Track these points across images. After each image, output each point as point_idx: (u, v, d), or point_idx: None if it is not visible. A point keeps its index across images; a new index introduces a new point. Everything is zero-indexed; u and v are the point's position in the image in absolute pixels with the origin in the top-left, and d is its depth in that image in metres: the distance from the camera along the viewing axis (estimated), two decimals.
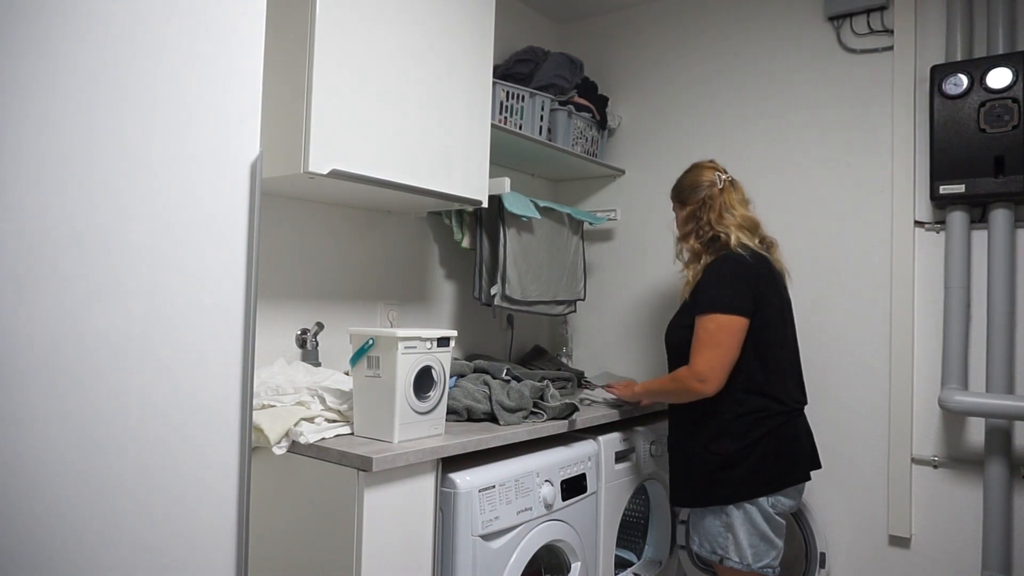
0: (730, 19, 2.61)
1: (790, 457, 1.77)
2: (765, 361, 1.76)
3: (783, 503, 1.75)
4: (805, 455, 1.81)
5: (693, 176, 1.91)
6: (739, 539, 1.72)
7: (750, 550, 1.72)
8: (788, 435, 1.77)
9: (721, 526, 1.75)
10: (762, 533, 1.73)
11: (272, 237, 1.93)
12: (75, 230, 0.95)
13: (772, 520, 1.73)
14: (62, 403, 0.94)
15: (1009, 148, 1.98)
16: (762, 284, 1.76)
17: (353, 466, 1.39)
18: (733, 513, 1.73)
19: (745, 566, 1.71)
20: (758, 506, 1.72)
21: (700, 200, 1.85)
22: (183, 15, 1.06)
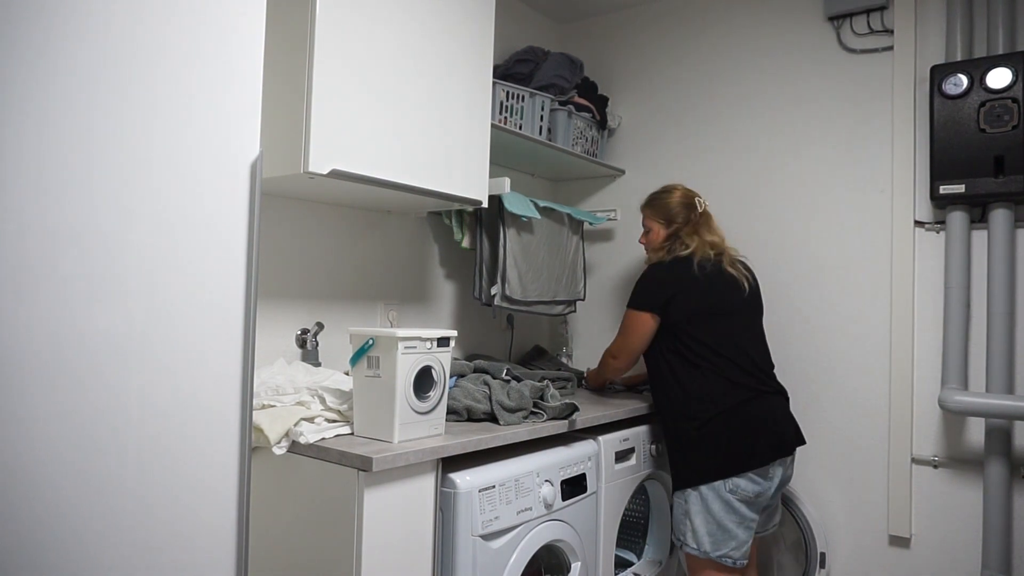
0: (730, 19, 2.61)
1: (747, 441, 1.84)
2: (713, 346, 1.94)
3: (743, 489, 1.81)
4: (768, 439, 1.87)
5: (679, 197, 2.14)
6: (695, 525, 1.82)
7: (707, 538, 1.79)
8: (745, 416, 1.87)
9: (681, 512, 1.88)
10: (718, 521, 1.80)
11: (272, 237, 1.93)
12: (75, 230, 0.95)
13: (732, 507, 1.80)
14: (62, 403, 0.94)
15: (1009, 148, 1.98)
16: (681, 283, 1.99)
17: (353, 466, 1.39)
18: (691, 499, 1.85)
19: (702, 553, 1.78)
20: (715, 491, 1.81)
21: (683, 221, 2.11)
22: (183, 15, 1.06)
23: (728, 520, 1.80)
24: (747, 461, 1.83)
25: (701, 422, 1.88)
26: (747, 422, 1.88)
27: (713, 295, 2.00)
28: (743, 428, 1.87)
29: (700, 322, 1.97)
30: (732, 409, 1.88)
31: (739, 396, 1.90)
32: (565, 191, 2.99)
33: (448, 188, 1.92)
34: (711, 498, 1.82)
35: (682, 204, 2.13)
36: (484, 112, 2.05)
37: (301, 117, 1.56)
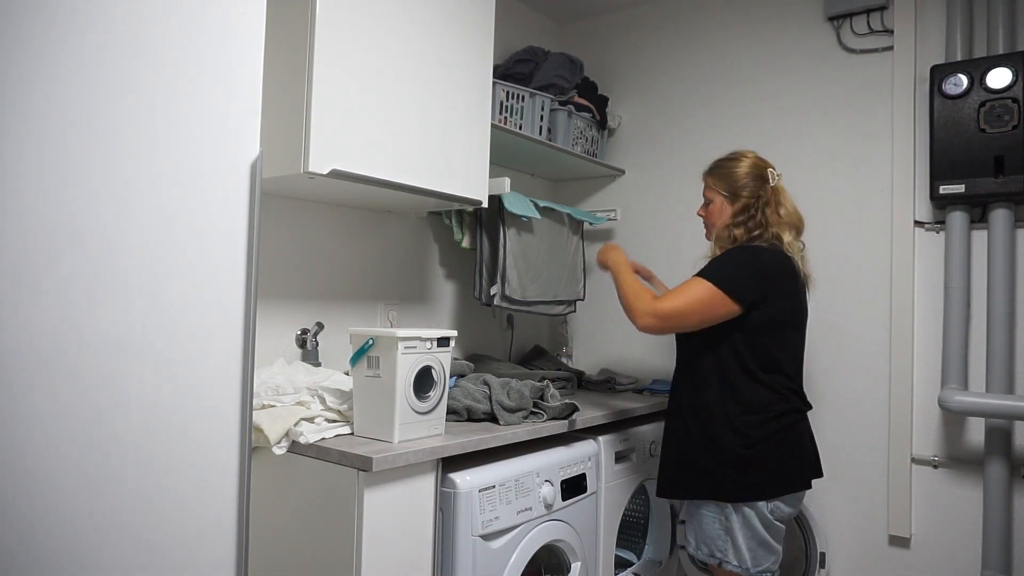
0: (730, 19, 2.61)
1: (795, 462, 1.72)
2: (777, 360, 1.72)
3: (783, 509, 1.71)
4: (809, 461, 1.77)
5: (748, 167, 1.82)
6: (738, 543, 1.68)
7: (749, 555, 1.68)
8: (795, 438, 1.73)
9: (720, 529, 1.70)
10: (761, 539, 1.68)
11: (272, 237, 1.93)
12: (75, 230, 0.95)
13: (772, 526, 1.69)
14: (62, 403, 0.94)
15: (1009, 148, 1.98)
16: (778, 283, 1.72)
17: (353, 466, 1.39)
18: (732, 517, 1.69)
19: (744, 570, 1.68)
20: (757, 511, 1.67)
21: (756, 195, 1.79)
22: (183, 15, 1.06)
23: (770, 537, 1.69)
24: (792, 483, 1.71)
25: (754, 440, 1.67)
26: (796, 443, 1.73)
27: (797, 303, 1.78)
28: (793, 449, 1.72)
29: (778, 332, 1.73)
30: (785, 429, 1.70)
31: (791, 415, 1.72)
32: (565, 191, 2.99)
33: (448, 188, 1.92)
34: (753, 516, 1.68)
35: (751, 175, 1.80)
36: (484, 112, 2.05)
37: (301, 117, 1.56)
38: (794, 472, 1.72)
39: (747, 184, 1.80)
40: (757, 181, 1.80)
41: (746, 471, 1.67)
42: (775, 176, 1.82)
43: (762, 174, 1.81)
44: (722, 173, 1.85)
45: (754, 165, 1.82)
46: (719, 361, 1.72)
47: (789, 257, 1.75)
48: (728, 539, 1.70)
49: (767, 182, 1.80)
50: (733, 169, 1.83)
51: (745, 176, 1.81)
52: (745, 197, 1.79)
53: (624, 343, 2.79)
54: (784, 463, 1.69)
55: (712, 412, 1.72)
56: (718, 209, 1.85)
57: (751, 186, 1.80)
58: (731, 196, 1.82)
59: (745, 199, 1.79)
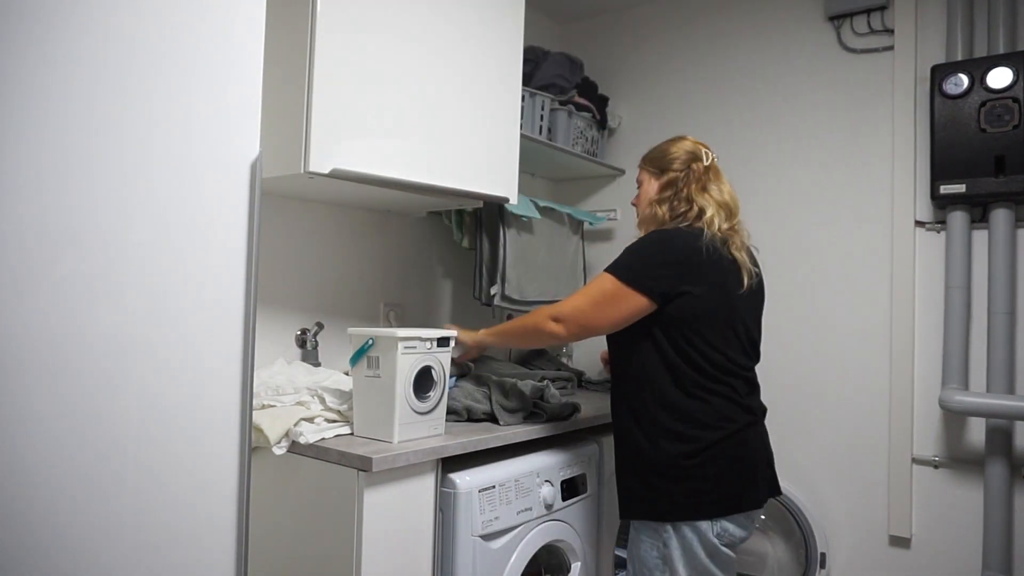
0: (730, 19, 2.61)
1: (746, 475, 1.52)
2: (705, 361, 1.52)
3: (731, 533, 1.49)
4: (762, 476, 1.56)
5: (678, 145, 1.70)
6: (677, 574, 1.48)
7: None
8: (744, 447, 1.53)
9: (658, 557, 1.50)
10: (703, 569, 1.47)
11: (272, 237, 1.93)
12: (75, 230, 0.95)
13: (717, 554, 1.48)
14: (62, 403, 0.94)
15: (1009, 148, 1.98)
16: (696, 270, 1.52)
17: (353, 466, 1.39)
18: (671, 541, 1.48)
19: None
20: (699, 533, 1.47)
21: (683, 170, 1.64)
22: (183, 15, 1.06)
23: (714, 568, 1.48)
24: (741, 501, 1.50)
25: (696, 449, 1.49)
26: (745, 454, 1.53)
27: (725, 293, 1.56)
28: (741, 461, 1.52)
29: (703, 328, 1.52)
30: (732, 436, 1.51)
31: (740, 422, 1.53)
32: (565, 191, 2.99)
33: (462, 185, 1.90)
34: (695, 541, 1.47)
35: (682, 151, 1.68)
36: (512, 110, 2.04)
37: (301, 117, 1.56)
38: (743, 488, 1.51)
39: (676, 158, 1.67)
40: (688, 156, 1.66)
41: (684, 483, 1.48)
42: (709, 155, 1.67)
43: (694, 152, 1.67)
44: (653, 153, 1.74)
45: (688, 143, 1.70)
46: (643, 363, 1.56)
47: (713, 242, 1.54)
48: (666, 569, 1.49)
49: (699, 160, 1.65)
50: (664, 147, 1.72)
51: (676, 151, 1.68)
52: (673, 171, 1.66)
53: None
54: (729, 476, 1.49)
55: (654, 421, 1.54)
56: (645, 191, 1.72)
57: (681, 159, 1.66)
58: (659, 172, 1.69)
59: (673, 173, 1.65)
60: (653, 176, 1.70)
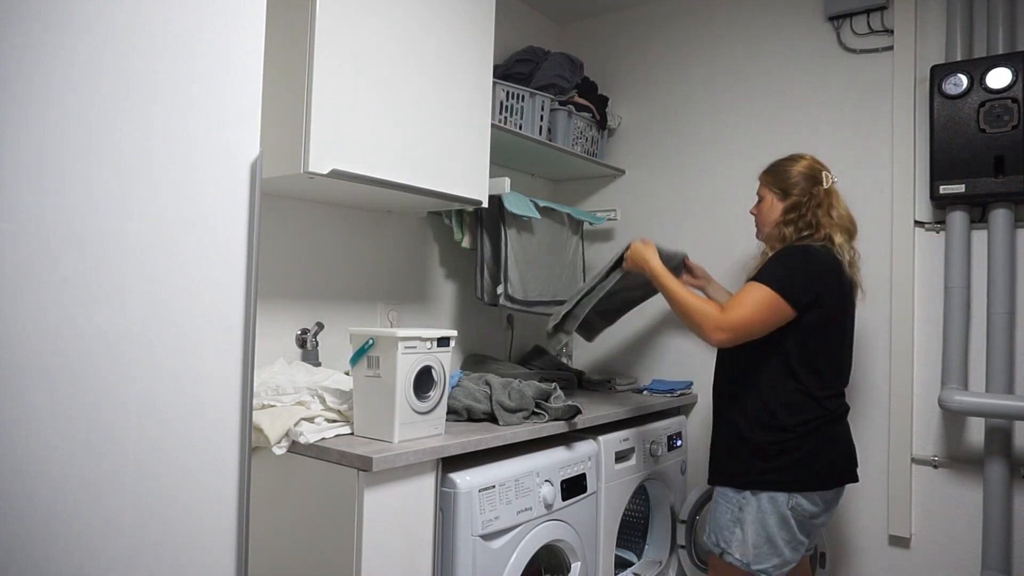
0: (730, 19, 2.61)
1: (821, 461, 1.69)
2: (820, 362, 1.72)
3: (803, 507, 1.67)
4: (838, 464, 1.73)
5: (799, 167, 1.83)
6: (746, 534, 1.67)
7: (753, 550, 1.66)
8: (824, 439, 1.70)
9: (731, 519, 1.70)
10: (769, 534, 1.66)
11: (272, 237, 1.93)
12: (74, 230, 0.95)
13: (786, 524, 1.66)
14: (62, 403, 0.94)
15: (1009, 148, 1.98)
16: (831, 285, 1.71)
17: (353, 466, 1.39)
18: (747, 506, 1.68)
19: (744, 565, 1.67)
20: (775, 503, 1.66)
21: (806, 195, 1.79)
22: (183, 15, 1.06)
23: (779, 536, 1.66)
24: (818, 481, 1.68)
25: (782, 437, 1.68)
26: (826, 443, 1.70)
27: (847, 305, 1.77)
28: (821, 448, 1.69)
29: (827, 334, 1.72)
30: (815, 430, 1.69)
31: (824, 416, 1.70)
32: (565, 191, 2.99)
33: (448, 188, 1.92)
34: (769, 510, 1.66)
35: (804, 175, 1.81)
36: (484, 112, 2.05)
37: (301, 117, 1.56)
38: (820, 470, 1.69)
39: (798, 183, 1.81)
40: (809, 181, 1.80)
41: (769, 461, 1.67)
42: (829, 179, 1.82)
43: (815, 175, 1.81)
44: (775, 171, 1.87)
45: (809, 166, 1.83)
46: (763, 360, 1.72)
47: (839, 259, 1.74)
48: (736, 528, 1.69)
49: (820, 183, 1.80)
50: (786, 167, 1.85)
51: (797, 175, 1.82)
52: (796, 195, 1.80)
53: (624, 343, 2.79)
54: (810, 459, 1.67)
55: (747, 409, 1.74)
56: (768, 206, 1.86)
57: (802, 185, 1.80)
58: (782, 193, 1.83)
59: (796, 197, 1.80)
60: (776, 196, 1.84)
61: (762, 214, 1.88)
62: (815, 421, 1.69)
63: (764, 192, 1.88)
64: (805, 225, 1.77)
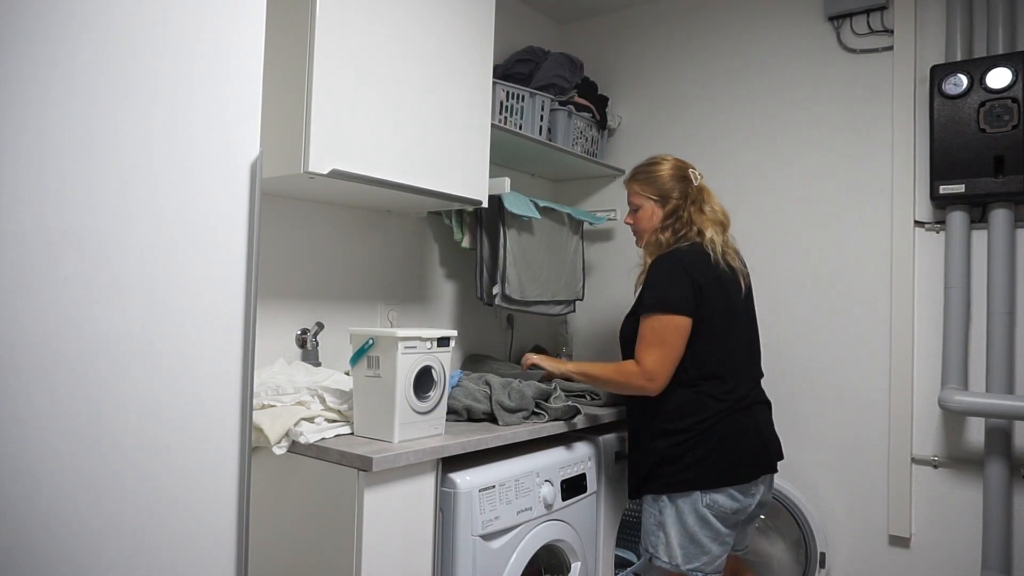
0: (730, 19, 2.61)
1: (729, 456, 1.71)
2: (710, 362, 1.75)
3: (720, 504, 1.69)
4: (752, 453, 1.74)
5: (667, 169, 1.87)
6: (669, 537, 1.71)
7: (679, 550, 1.69)
8: (728, 433, 1.72)
9: (654, 523, 1.75)
10: (691, 534, 1.69)
11: (272, 237, 1.93)
12: (74, 231, 0.95)
13: (706, 522, 1.69)
14: (62, 403, 0.94)
15: (1009, 148, 1.98)
16: (706, 278, 1.74)
17: (353, 466, 1.39)
18: (665, 510, 1.72)
19: (674, 566, 1.69)
20: (690, 503, 1.69)
21: (684, 195, 1.84)
22: (183, 15, 1.06)
23: (702, 534, 1.69)
24: (728, 475, 1.70)
25: (679, 440, 1.72)
26: (730, 435, 1.72)
27: (725, 297, 1.78)
28: (727, 444, 1.71)
29: (710, 332, 1.75)
30: (713, 425, 1.71)
31: (724, 411, 1.73)
32: (565, 191, 2.99)
33: (448, 188, 1.92)
34: (686, 511, 1.70)
35: (675, 177, 1.85)
36: (484, 112, 2.05)
37: (301, 117, 1.56)
38: (729, 464, 1.71)
39: (674, 186, 1.85)
40: (682, 182, 1.85)
41: (674, 463, 1.72)
42: (697, 176, 1.87)
43: (684, 175, 1.86)
44: (648, 179, 1.88)
45: (676, 167, 1.87)
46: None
47: (707, 252, 1.77)
48: (659, 532, 1.74)
49: (691, 182, 1.86)
50: (657, 173, 1.87)
51: (670, 178, 1.86)
52: (675, 199, 1.84)
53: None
54: (716, 455, 1.70)
55: (642, 419, 1.80)
56: (648, 215, 1.88)
57: (678, 188, 1.85)
58: (661, 200, 1.86)
59: (675, 201, 1.84)
60: (656, 204, 1.87)
61: (641, 222, 1.90)
62: (713, 417, 1.72)
63: (640, 200, 1.89)
64: (681, 226, 1.81)
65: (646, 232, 1.89)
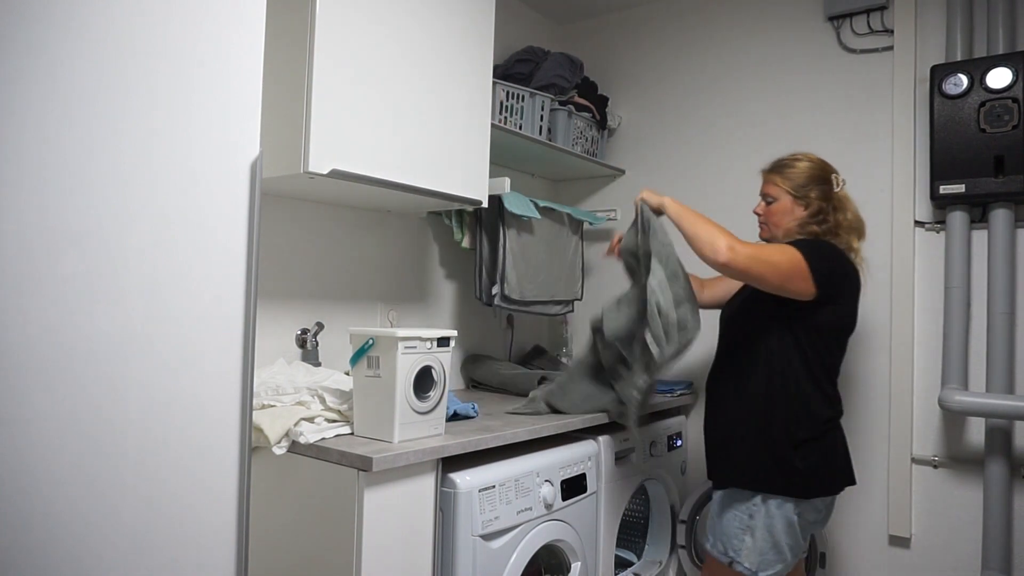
0: (730, 19, 2.61)
1: (831, 466, 1.69)
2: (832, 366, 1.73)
3: (808, 514, 1.67)
4: (841, 468, 1.73)
5: (815, 170, 1.78)
6: (755, 541, 1.64)
7: (759, 557, 1.64)
8: (833, 444, 1.71)
9: (740, 526, 1.67)
10: (775, 540, 1.64)
11: (272, 237, 1.93)
12: (75, 230, 0.95)
13: (791, 530, 1.65)
14: (62, 403, 0.94)
15: (1009, 148, 1.98)
16: (851, 288, 1.71)
17: (353, 466, 1.39)
18: (757, 512, 1.65)
19: (751, 573, 1.64)
20: (784, 510, 1.64)
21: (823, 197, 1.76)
22: (183, 15, 1.06)
23: (784, 542, 1.64)
24: (827, 487, 1.68)
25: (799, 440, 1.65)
26: (833, 449, 1.71)
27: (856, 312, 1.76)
28: (830, 454, 1.69)
29: (840, 338, 1.74)
30: (826, 434, 1.69)
31: (836, 419, 1.72)
32: (565, 191, 2.99)
33: (448, 188, 1.92)
34: (778, 515, 1.64)
35: (817, 178, 1.77)
36: (484, 112, 2.05)
37: (301, 117, 1.56)
38: (828, 476, 1.69)
39: (814, 187, 1.77)
40: (824, 185, 1.77)
41: (787, 465, 1.64)
42: (839, 181, 1.80)
43: (827, 178, 1.78)
44: (790, 173, 1.79)
45: (821, 168, 1.80)
46: (782, 355, 1.68)
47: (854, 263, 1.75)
48: (746, 536, 1.66)
49: (832, 186, 1.78)
50: (800, 169, 1.79)
51: (812, 179, 1.77)
52: (816, 200, 1.76)
53: None
54: (823, 464, 1.67)
55: (765, 406, 1.68)
56: (784, 209, 1.78)
57: (818, 189, 1.77)
58: (801, 199, 1.77)
59: (818, 203, 1.76)
60: (796, 201, 1.77)
61: (775, 216, 1.80)
62: (830, 423, 1.70)
63: (777, 192, 1.80)
64: (827, 230, 1.75)
65: (779, 228, 1.80)
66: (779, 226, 1.80)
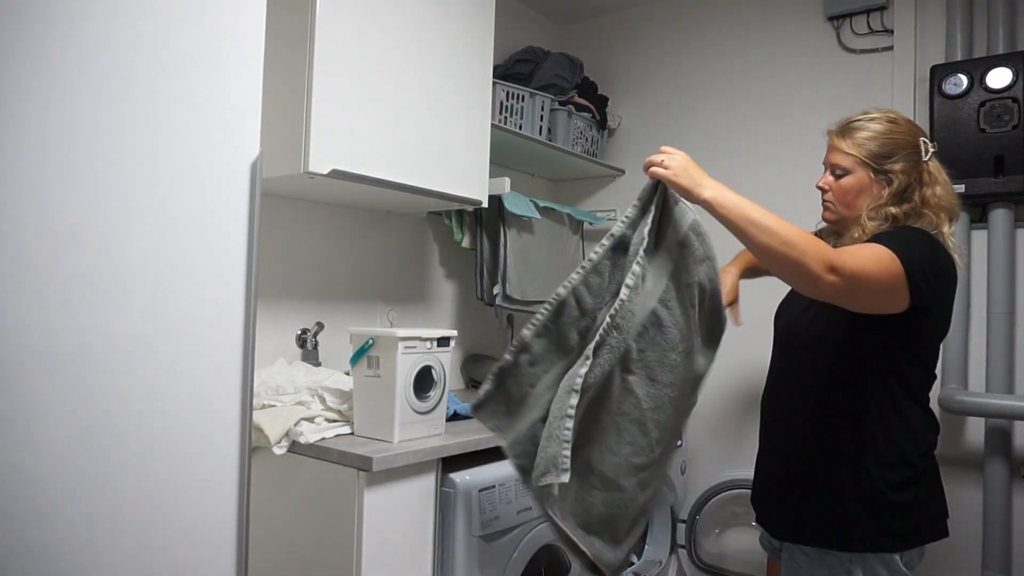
0: (730, 19, 2.61)
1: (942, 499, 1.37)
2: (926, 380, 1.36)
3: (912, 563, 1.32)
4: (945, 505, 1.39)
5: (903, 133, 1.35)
6: None
7: None
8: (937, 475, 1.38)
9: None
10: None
11: (272, 237, 1.93)
12: (75, 230, 0.95)
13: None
14: (62, 403, 0.94)
15: (1009, 148, 1.98)
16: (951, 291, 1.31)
17: (353, 466, 1.39)
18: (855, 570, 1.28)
19: None
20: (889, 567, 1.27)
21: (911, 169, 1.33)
22: (183, 15, 1.06)
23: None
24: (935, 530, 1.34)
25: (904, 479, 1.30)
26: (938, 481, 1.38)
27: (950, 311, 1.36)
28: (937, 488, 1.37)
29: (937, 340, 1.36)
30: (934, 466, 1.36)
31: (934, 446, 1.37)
32: (565, 191, 2.99)
33: (448, 188, 1.92)
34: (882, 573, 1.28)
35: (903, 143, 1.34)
36: (484, 112, 2.05)
37: (301, 117, 1.56)
38: (938, 516, 1.37)
39: (900, 157, 1.33)
40: (913, 154, 1.34)
41: (895, 515, 1.29)
42: (928, 147, 1.35)
43: (916, 143, 1.35)
44: (866, 136, 1.36)
45: (910, 131, 1.36)
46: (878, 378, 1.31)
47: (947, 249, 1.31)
48: None
49: (921, 154, 1.34)
50: (881, 132, 1.35)
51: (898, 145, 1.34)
52: (902, 174, 1.32)
53: None
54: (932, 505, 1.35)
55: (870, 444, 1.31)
56: (860, 185, 1.36)
57: (904, 160, 1.33)
58: (880, 172, 1.34)
59: (903, 178, 1.32)
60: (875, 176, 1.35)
61: (846, 194, 1.38)
62: (929, 453, 1.35)
63: (849, 164, 1.36)
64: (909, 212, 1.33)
65: (853, 209, 1.37)
66: (853, 207, 1.37)
